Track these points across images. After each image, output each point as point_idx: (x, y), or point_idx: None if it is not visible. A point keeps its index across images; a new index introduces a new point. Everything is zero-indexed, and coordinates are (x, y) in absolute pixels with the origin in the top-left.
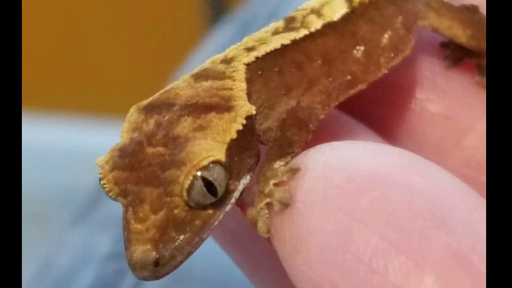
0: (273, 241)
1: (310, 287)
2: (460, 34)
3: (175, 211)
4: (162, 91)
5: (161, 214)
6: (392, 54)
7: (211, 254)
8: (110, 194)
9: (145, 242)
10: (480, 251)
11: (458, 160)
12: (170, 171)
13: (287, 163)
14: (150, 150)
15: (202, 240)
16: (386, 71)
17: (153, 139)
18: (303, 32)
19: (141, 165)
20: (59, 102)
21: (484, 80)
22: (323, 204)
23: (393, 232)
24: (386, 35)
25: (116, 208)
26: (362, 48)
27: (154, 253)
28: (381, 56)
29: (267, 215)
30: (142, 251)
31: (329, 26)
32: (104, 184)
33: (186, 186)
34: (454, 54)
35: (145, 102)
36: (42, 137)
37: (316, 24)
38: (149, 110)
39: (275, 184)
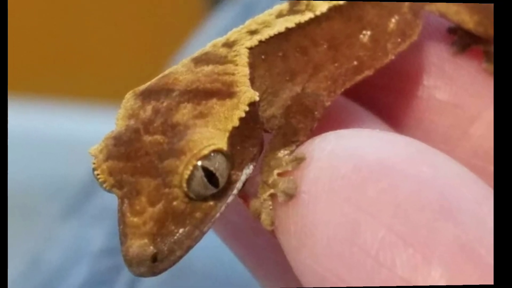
0: (277, 233)
1: (315, 282)
2: (467, 20)
3: (174, 203)
4: (160, 76)
5: (159, 206)
6: (399, 40)
7: (212, 248)
8: (104, 185)
9: (142, 236)
10: (488, 243)
11: (466, 149)
12: (168, 160)
13: (291, 152)
14: (147, 138)
15: (203, 233)
16: (393, 57)
17: (151, 126)
18: (308, 15)
19: (138, 154)
20: (49, 87)
21: (491, 67)
22: (329, 195)
23: (401, 224)
24: (393, 20)
25: (110, 200)
26: (368, 33)
27: (151, 247)
28: (388, 41)
29: (271, 207)
30: (139, 245)
31: (335, 10)
32: (98, 174)
33: (186, 176)
34: (462, 40)
35: (142, 87)
36: (30, 124)
37: (322, 7)
38: (147, 96)
39: (279, 174)
